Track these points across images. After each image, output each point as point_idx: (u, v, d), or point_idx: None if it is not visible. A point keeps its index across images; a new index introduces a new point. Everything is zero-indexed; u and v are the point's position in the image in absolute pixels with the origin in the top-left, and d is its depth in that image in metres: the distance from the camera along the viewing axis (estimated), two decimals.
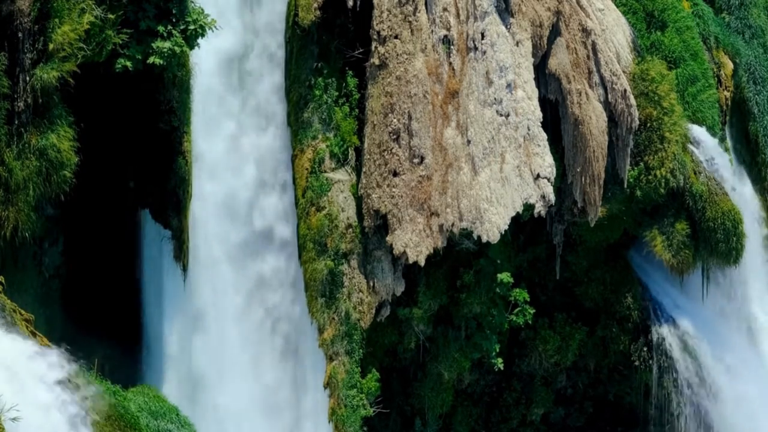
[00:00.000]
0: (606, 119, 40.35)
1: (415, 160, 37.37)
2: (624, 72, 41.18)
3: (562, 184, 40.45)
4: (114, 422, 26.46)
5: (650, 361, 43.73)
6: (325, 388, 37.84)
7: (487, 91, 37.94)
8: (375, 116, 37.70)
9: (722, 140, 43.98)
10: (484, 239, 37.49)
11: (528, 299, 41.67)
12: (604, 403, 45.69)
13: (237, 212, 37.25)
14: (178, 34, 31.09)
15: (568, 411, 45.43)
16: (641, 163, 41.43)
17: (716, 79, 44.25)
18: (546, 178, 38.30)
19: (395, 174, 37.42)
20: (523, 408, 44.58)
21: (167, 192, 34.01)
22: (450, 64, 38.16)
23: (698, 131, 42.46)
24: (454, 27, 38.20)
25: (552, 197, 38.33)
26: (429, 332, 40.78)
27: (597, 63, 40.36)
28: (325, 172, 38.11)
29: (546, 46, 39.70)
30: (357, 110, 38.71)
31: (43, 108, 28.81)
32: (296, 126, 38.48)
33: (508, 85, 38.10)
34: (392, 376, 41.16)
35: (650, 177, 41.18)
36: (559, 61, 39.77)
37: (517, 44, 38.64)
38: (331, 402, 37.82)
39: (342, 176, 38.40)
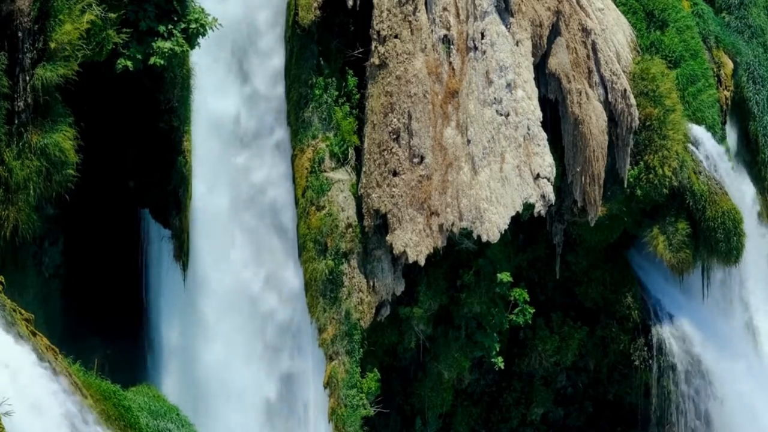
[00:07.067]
0: (606, 119, 40.35)
1: (415, 160, 37.36)
2: (624, 71, 41.17)
3: (562, 183, 40.44)
4: (114, 422, 26.43)
5: (650, 361, 43.72)
6: (325, 387, 37.84)
7: (487, 91, 37.93)
8: (375, 116, 37.69)
9: (722, 140, 44.00)
10: (484, 239, 37.47)
11: (528, 299, 41.65)
12: (604, 403, 45.67)
13: None
14: (179, 34, 31.08)
15: (568, 411, 45.42)
16: (641, 163, 41.42)
17: (716, 78, 44.26)
18: (546, 177, 38.28)
19: (395, 174, 37.41)
20: (523, 408, 44.56)
21: (167, 192, 34.00)
22: (450, 63, 38.15)
23: (698, 131, 42.46)
24: (454, 27, 38.19)
25: (552, 197, 38.31)
26: (429, 332, 40.77)
27: (597, 62, 40.35)
28: (325, 171, 38.09)
29: (546, 46, 39.68)
30: (357, 110, 38.71)
31: (43, 107, 28.78)
32: (296, 125, 38.48)
33: (508, 85, 38.08)
34: (392, 375, 41.13)
35: (651, 176, 41.17)
36: (559, 60, 39.76)
37: (517, 44, 38.63)
38: (331, 402, 37.81)
39: (342, 176, 38.38)
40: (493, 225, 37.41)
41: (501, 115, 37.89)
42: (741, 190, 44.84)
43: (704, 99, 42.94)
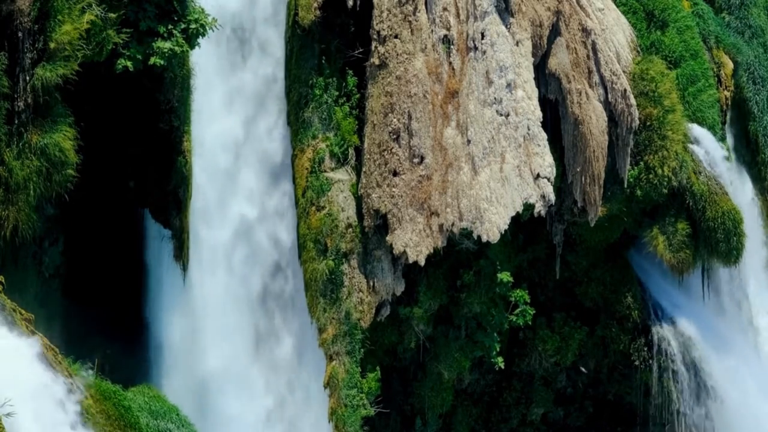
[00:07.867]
0: (606, 119, 40.36)
1: (415, 160, 37.36)
2: (624, 72, 41.18)
3: (562, 184, 40.44)
4: (114, 422, 26.46)
5: (650, 361, 43.72)
6: (325, 387, 37.84)
7: (487, 91, 37.94)
8: (375, 116, 37.69)
9: (722, 140, 44.01)
10: (484, 239, 37.47)
11: (528, 300, 41.64)
12: (604, 403, 45.68)
13: None
14: (178, 34, 31.09)
15: (568, 411, 45.43)
16: (641, 163, 41.44)
17: (716, 78, 44.26)
18: (546, 177, 38.29)
19: (395, 174, 37.42)
20: (523, 408, 44.57)
21: (167, 192, 34.00)
22: (450, 63, 38.15)
23: (699, 131, 42.48)
24: (454, 27, 38.19)
25: (552, 197, 38.31)
26: (429, 332, 40.78)
27: (597, 63, 40.36)
28: (325, 171, 38.10)
29: (546, 46, 39.70)
30: (357, 110, 38.72)
31: (43, 108, 28.80)
32: (296, 125, 38.50)
33: (508, 85, 38.09)
34: (392, 375, 41.14)
35: (651, 176, 41.19)
36: (559, 60, 39.77)
37: (517, 44, 38.64)
38: (331, 402, 37.81)
39: (342, 176, 38.39)
40: (493, 225, 37.41)
41: (501, 115, 37.90)
42: (740, 190, 44.86)
43: (704, 99, 42.95)
